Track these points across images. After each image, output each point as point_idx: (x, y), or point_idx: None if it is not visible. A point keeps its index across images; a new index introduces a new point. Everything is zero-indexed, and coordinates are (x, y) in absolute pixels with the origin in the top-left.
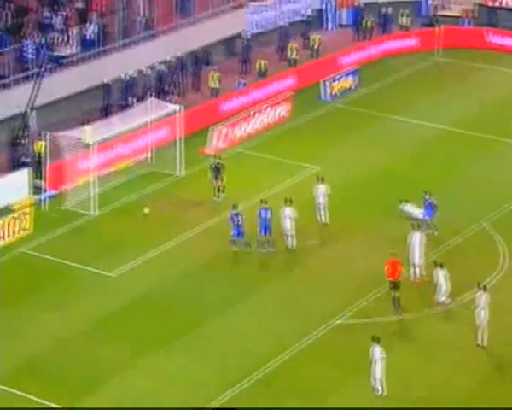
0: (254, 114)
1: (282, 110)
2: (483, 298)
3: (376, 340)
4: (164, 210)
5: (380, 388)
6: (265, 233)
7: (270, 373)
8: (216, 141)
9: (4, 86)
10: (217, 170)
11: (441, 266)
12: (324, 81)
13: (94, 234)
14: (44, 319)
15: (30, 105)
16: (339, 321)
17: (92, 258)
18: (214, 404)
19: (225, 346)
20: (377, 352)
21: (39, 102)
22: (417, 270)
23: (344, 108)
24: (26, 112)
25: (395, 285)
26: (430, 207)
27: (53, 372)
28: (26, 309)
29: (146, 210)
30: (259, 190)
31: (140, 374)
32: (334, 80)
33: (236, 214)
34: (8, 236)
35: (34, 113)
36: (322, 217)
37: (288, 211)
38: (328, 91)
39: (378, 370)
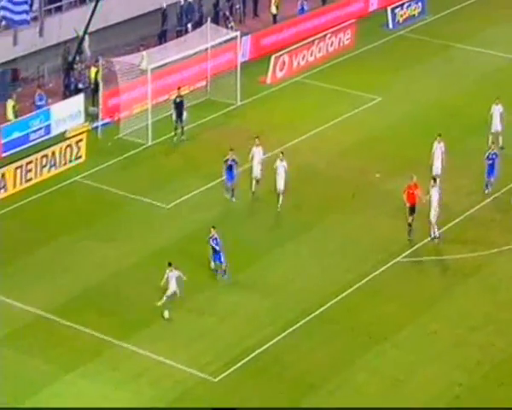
0: (316, 41)
1: (345, 38)
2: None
3: None
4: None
5: None
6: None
7: (329, 311)
8: (277, 70)
9: (59, 10)
10: (179, 107)
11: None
12: (392, 8)
13: (149, 164)
14: (98, 250)
15: (85, 30)
16: (401, 259)
17: (147, 189)
18: (271, 342)
19: (283, 283)
20: None
21: (94, 26)
22: None
23: (409, 37)
24: (81, 37)
25: (413, 210)
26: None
27: (106, 305)
28: (79, 240)
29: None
30: (319, 120)
31: (194, 309)
32: (401, 8)
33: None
34: (62, 164)
35: (88, 38)
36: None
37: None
38: (395, 19)
39: None
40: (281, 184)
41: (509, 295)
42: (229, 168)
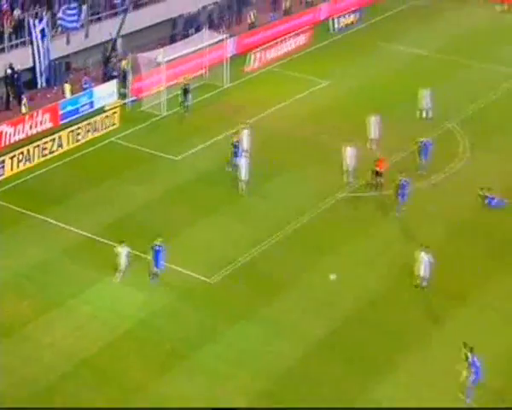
0: (282, 41)
1: (303, 39)
2: None
3: None
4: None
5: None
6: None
7: (294, 232)
8: (254, 62)
9: (99, 19)
10: (185, 89)
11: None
12: (333, 19)
13: (164, 129)
14: (129, 190)
15: (117, 33)
16: (342, 196)
17: (163, 146)
18: (245, 257)
19: (262, 214)
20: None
21: (124, 31)
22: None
23: (349, 38)
24: (114, 39)
25: (381, 174)
26: None
27: (137, 229)
28: (115, 184)
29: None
30: (284, 97)
31: (202, 231)
32: (343, 17)
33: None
34: (102, 129)
35: (120, 39)
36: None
37: None
38: (336, 26)
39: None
40: (245, 175)
41: (424, 216)
42: (235, 149)
